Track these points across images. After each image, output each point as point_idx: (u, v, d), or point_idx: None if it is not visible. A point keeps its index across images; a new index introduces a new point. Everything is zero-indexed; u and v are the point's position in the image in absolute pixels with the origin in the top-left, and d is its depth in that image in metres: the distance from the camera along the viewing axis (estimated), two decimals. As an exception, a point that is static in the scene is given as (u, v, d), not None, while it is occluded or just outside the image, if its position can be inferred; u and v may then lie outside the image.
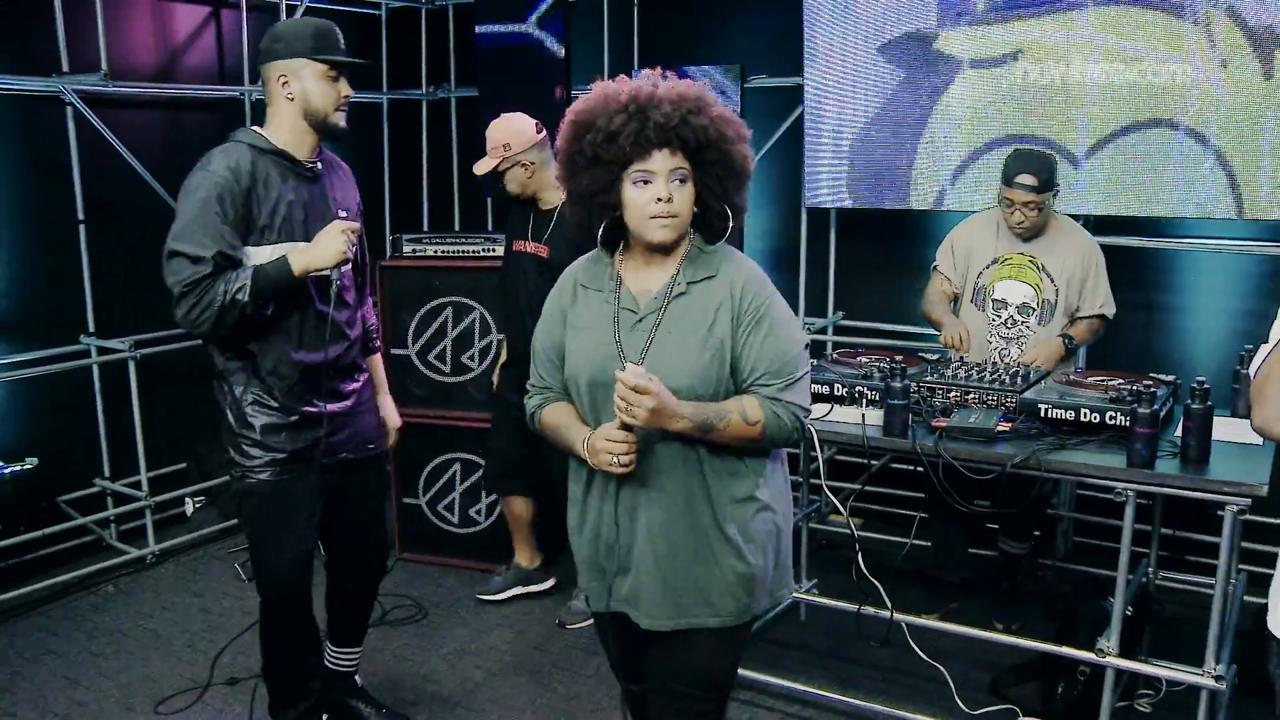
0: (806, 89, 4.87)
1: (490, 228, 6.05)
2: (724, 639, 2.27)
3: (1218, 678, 3.01)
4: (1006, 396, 3.33)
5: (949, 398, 3.40)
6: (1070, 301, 3.82)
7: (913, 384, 3.38)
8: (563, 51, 5.43)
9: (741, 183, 2.19)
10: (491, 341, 4.62)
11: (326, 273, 2.85)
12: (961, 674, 3.60)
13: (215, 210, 2.71)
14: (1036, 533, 4.35)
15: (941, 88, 4.63)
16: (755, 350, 2.16)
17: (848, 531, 3.73)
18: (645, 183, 2.09)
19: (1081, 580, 4.33)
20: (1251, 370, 1.99)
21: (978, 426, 3.19)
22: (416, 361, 4.69)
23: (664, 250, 2.19)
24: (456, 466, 4.75)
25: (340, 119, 2.87)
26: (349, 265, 2.93)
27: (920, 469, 3.32)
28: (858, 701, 3.54)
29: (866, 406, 3.38)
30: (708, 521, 2.20)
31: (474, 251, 4.61)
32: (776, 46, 5.08)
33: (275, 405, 2.92)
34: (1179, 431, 3.08)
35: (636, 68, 5.45)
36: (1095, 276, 3.84)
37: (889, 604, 3.45)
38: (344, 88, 2.86)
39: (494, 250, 4.56)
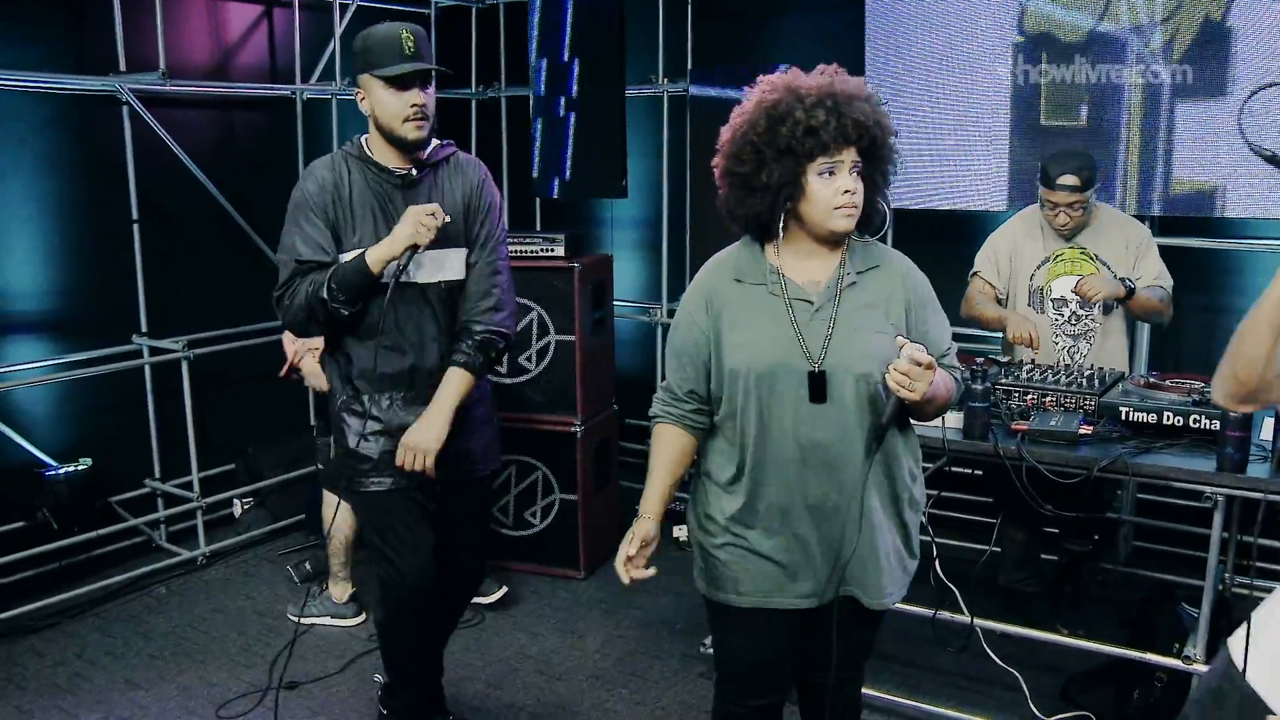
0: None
1: (539, 227, 6.02)
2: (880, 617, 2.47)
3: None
4: (1085, 399, 3.27)
5: (1026, 401, 3.35)
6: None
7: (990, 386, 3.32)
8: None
9: (891, 179, 2.29)
10: (550, 342, 4.59)
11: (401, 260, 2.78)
12: (1033, 680, 3.54)
13: (303, 220, 2.80)
14: (1096, 536, 4.28)
15: (998, 98, 4.59)
16: (935, 330, 2.34)
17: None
18: (830, 173, 2.14)
19: (1153, 585, 4.26)
20: None
21: (1060, 430, 3.13)
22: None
23: (833, 242, 2.24)
24: (512, 469, 4.71)
25: (409, 130, 2.80)
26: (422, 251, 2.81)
27: (979, 473, 3.29)
28: (930, 707, 3.49)
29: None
30: (890, 502, 2.34)
31: (532, 251, 4.57)
32: (836, 48, 5.03)
33: (359, 411, 2.94)
34: (1264, 435, 3.03)
35: (690, 67, 5.41)
36: (1146, 251, 3.76)
37: (964, 609, 3.40)
38: (413, 97, 2.78)
39: (553, 250, 4.53)
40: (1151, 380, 3.42)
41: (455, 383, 2.91)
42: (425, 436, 2.86)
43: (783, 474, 2.24)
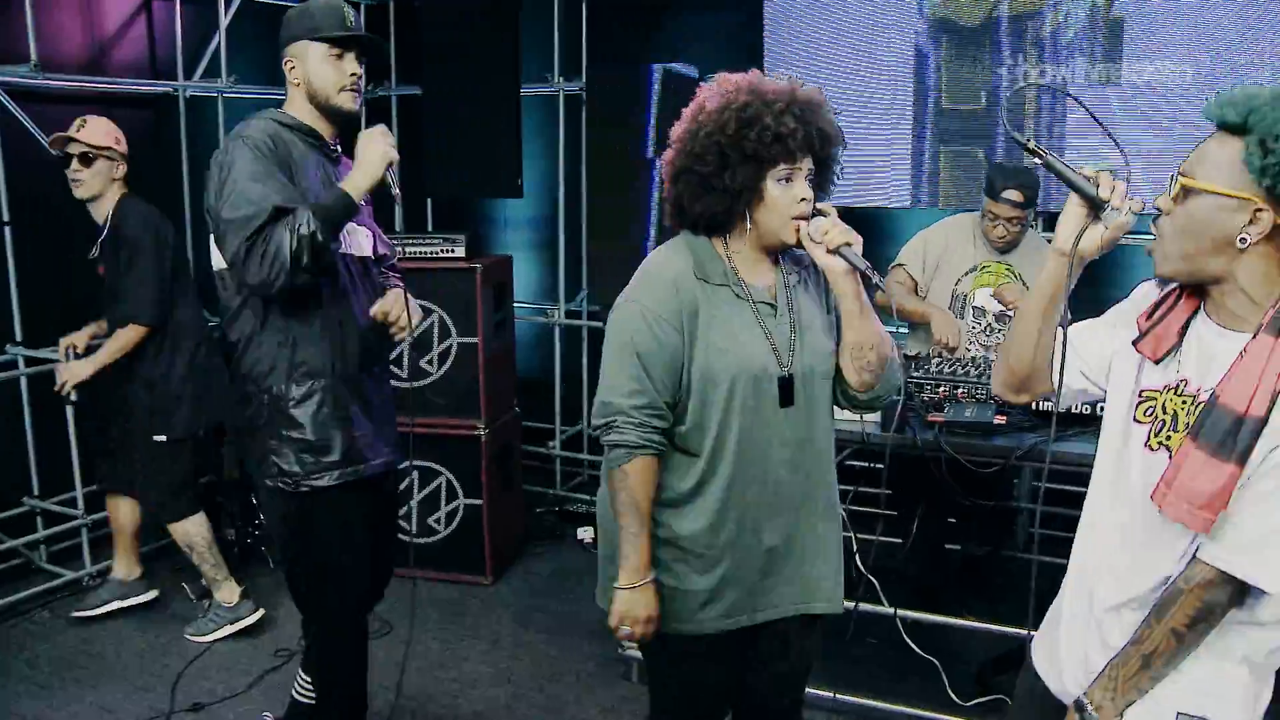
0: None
1: (430, 228, 5.90)
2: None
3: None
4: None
5: (939, 393, 3.41)
6: None
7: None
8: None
9: (833, 187, 2.29)
10: (452, 345, 4.50)
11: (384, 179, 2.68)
12: (950, 667, 3.61)
13: (261, 169, 2.56)
14: (1005, 524, 4.41)
15: (898, 90, 4.68)
16: None
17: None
18: (788, 180, 2.12)
19: (1056, 571, 4.38)
20: None
21: (976, 420, 3.20)
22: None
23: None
24: (414, 475, 4.61)
25: (346, 99, 2.73)
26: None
27: (880, 465, 3.33)
28: (852, 698, 3.53)
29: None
30: (831, 510, 2.32)
31: (431, 252, 4.47)
32: (734, 46, 5.07)
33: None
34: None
35: (586, 65, 5.38)
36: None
37: (884, 600, 3.45)
38: (350, 65, 2.72)
39: (453, 250, 4.44)
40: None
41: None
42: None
43: (759, 484, 2.19)
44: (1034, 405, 3.24)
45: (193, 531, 4.10)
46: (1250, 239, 1.58)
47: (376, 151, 2.64)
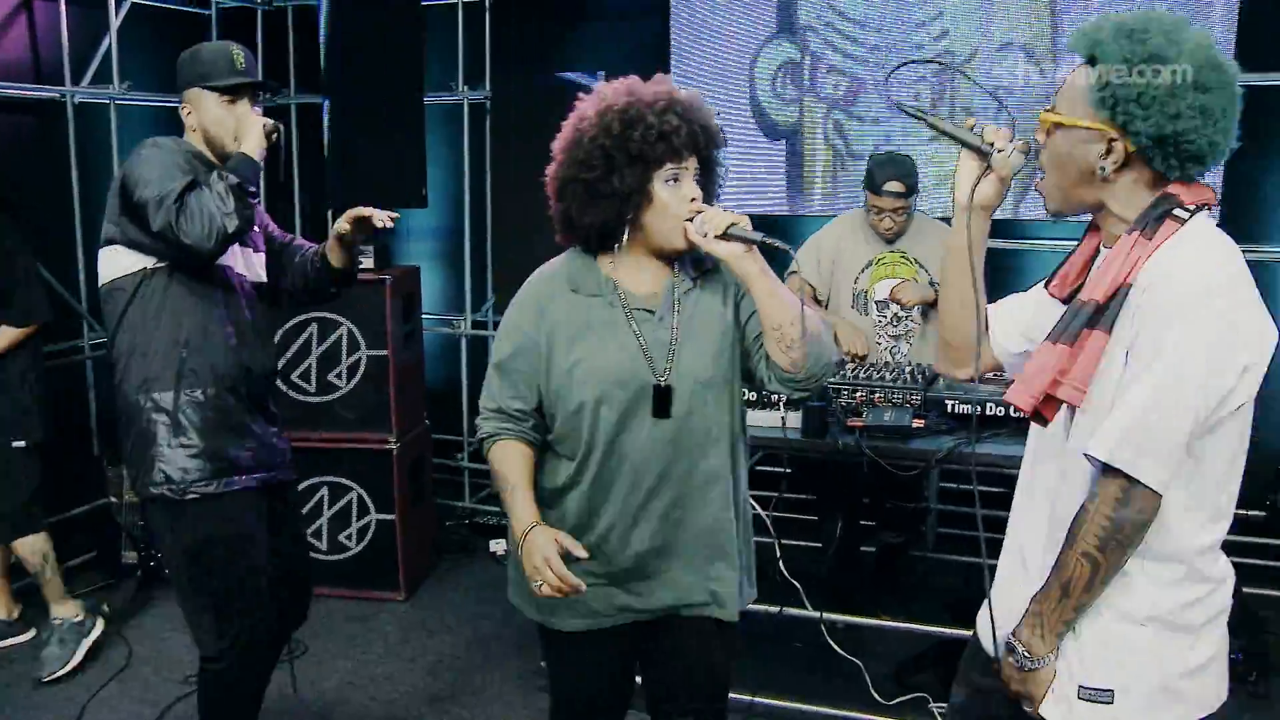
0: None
1: (331, 240, 5.76)
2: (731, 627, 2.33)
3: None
4: (912, 394, 3.41)
5: (856, 398, 3.46)
6: None
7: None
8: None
9: (719, 189, 2.27)
10: (361, 358, 4.41)
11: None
12: (872, 667, 3.66)
13: (173, 160, 2.61)
14: (917, 526, 4.50)
15: (803, 100, 4.76)
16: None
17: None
18: (676, 180, 2.11)
19: (967, 569, 4.50)
20: None
21: (895, 424, 3.26)
22: (278, 381, 4.41)
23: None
24: (324, 491, 4.50)
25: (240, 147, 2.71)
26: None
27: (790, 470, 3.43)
28: (777, 702, 3.56)
29: (785, 409, 3.39)
30: (733, 506, 2.28)
31: (340, 263, 4.37)
32: (641, 54, 5.09)
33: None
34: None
35: (489, 73, 5.33)
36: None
37: (808, 604, 3.49)
38: (242, 111, 2.73)
39: (362, 262, 4.34)
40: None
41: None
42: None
43: (626, 490, 2.17)
44: (950, 408, 3.32)
45: (41, 548, 3.95)
46: (1108, 169, 1.63)
47: (255, 123, 2.69)
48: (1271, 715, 3.58)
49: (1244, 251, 1.68)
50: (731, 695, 3.49)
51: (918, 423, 3.29)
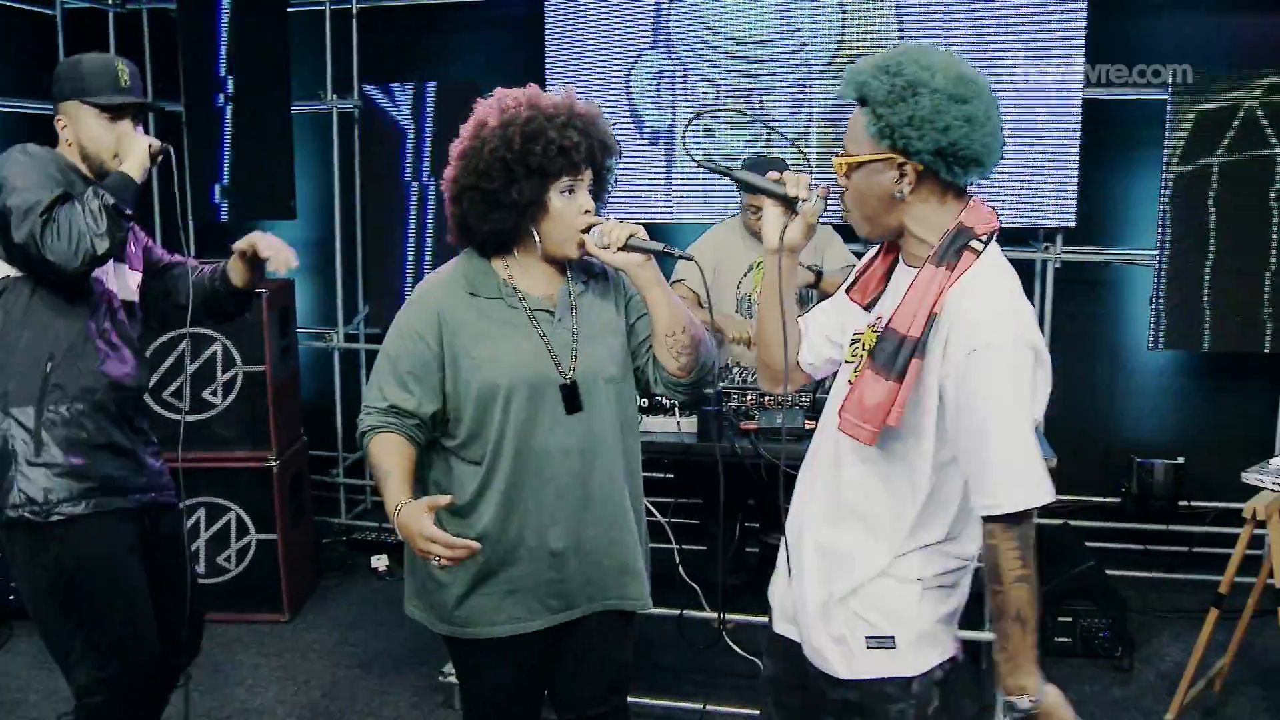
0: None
1: (193, 252, 5.57)
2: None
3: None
4: (801, 396, 3.51)
5: (746, 401, 3.55)
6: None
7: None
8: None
9: (608, 199, 2.35)
10: (237, 374, 4.29)
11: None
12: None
13: (48, 169, 2.49)
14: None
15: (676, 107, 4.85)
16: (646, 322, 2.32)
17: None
18: (571, 192, 2.17)
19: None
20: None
21: (790, 426, 3.36)
22: (150, 400, 4.23)
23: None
24: (201, 512, 4.35)
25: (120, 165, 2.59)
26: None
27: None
28: (679, 704, 3.62)
29: (680, 414, 3.45)
30: (634, 503, 2.36)
31: (213, 277, 4.24)
32: (510, 60, 5.11)
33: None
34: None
35: (358, 81, 5.25)
36: (829, 241, 4.11)
37: (705, 606, 3.55)
38: (124, 129, 2.61)
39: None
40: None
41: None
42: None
43: (540, 490, 2.21)
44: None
45: None
46: (905, 190, 1.83)
47: (139, 142, 2.58)
48: (1136, 687, 3.82)
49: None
50: (634, 699, 3.58)
51: (809, 424, 3.39)
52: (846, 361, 2.01)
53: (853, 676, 1.94)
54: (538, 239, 2.20)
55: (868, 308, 2.00)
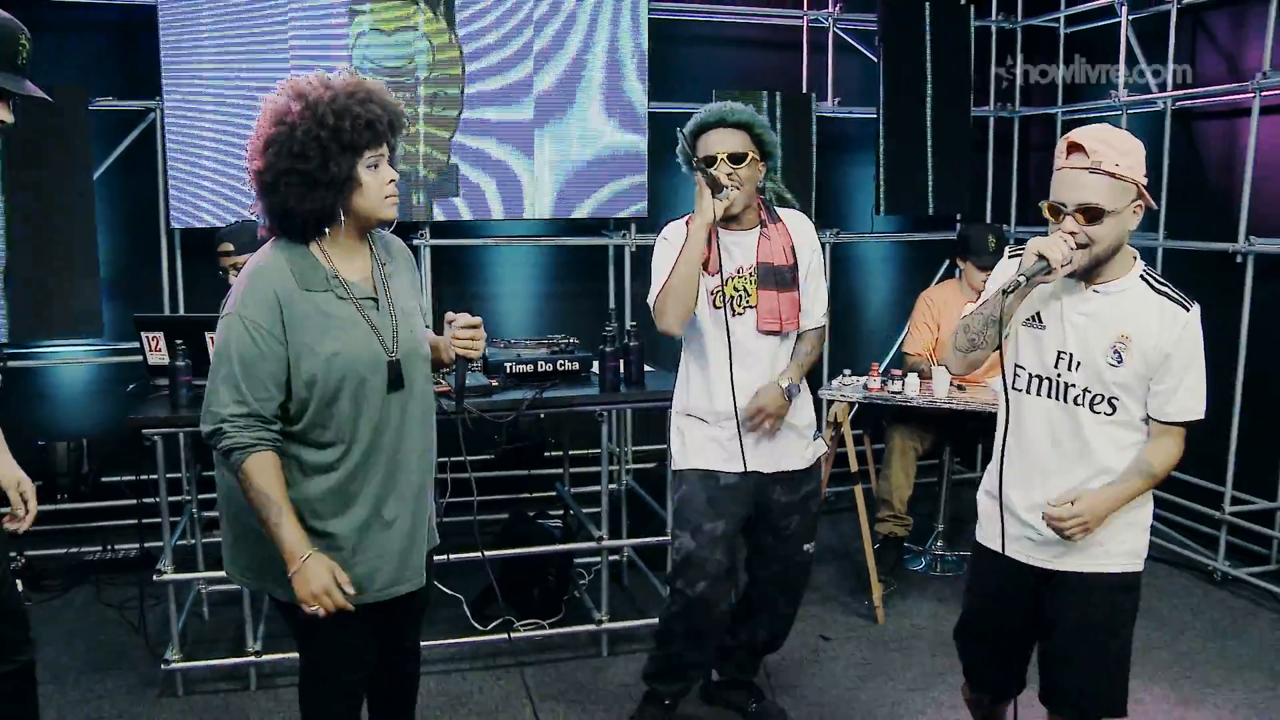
0: (167, 109, 4.93)
1: None
2: None
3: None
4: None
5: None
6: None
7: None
8: None
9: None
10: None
11: None
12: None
13: None
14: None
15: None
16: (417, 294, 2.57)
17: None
18: (376, 166, 2.30)
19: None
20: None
21: (477, 385, 3.77)
22: None
23: (367, 235, 2.41)
24: None
25: None
26: None
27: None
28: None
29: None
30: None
31: None
32: (121, 67, 5.05)
33: None
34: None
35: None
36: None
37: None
38: (3, 114, 2.40)
39: None
40: (516, 340, 4.29)
41: None
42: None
43: (383, 467, 2.36)
44: (509, 369, 3.90)
45: None
46: (763, 178, 3.16)
47: None
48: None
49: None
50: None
51: (494, 381, 3.85)
52: (715, 307, 3.11)
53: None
54: (352, 215, 2.30)
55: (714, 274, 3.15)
